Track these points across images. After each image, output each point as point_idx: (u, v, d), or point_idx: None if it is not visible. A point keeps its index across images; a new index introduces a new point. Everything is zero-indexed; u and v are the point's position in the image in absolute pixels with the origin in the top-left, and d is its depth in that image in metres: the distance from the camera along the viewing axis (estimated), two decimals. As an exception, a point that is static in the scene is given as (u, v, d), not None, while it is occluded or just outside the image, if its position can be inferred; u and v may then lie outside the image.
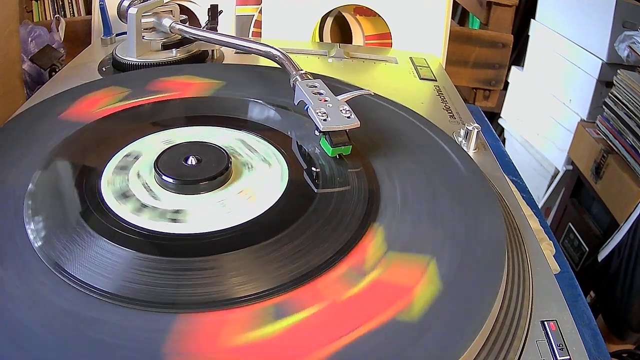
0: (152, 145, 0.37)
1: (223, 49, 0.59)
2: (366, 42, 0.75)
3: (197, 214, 0.31)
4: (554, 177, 1.21)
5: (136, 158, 0.35)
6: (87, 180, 0.33)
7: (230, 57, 0.59)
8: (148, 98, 0.42)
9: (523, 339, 0.26)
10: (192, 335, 0.23)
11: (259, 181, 0.34)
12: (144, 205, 0.31)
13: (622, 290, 0.77)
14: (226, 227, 0.29)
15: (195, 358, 0.22)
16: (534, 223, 0.46)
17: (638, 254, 0.75)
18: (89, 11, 0.96)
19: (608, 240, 0.83)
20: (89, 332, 0.23)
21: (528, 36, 1.29)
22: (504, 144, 1.32)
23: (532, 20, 1.27)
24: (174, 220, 0.30)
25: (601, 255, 0.83)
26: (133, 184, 0.33)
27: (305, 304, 0.25)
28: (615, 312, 0.79)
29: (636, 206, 0.79)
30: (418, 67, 0.61)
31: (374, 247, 0.29)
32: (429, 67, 0.61)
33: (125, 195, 0.32)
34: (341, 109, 0.36)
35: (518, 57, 1.39)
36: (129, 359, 0.22)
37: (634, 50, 0.87)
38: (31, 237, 0.28)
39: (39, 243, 0.28)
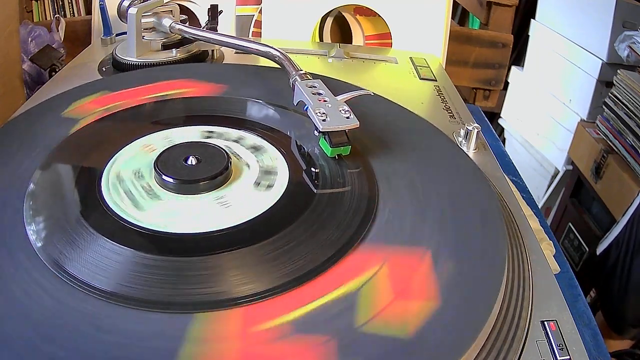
0: (126, 163, 0.36)
1: (223, 49, 0.59)
2: (366, 42, 0.75)
3: (196, 214, 0.31)
4: (554, 177, 1.21)
5: (126, 181, 0.35)
6: (87, 180, 0.33)
7: (230, 57, 0.59)
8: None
9: (523, 339, 0.26)
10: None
11: (257, 158, 0.34)
12: (144, 205, 0.31)
13: (619, 285, 0.77)
14: (226, 227, 0.29)
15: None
16: (534, 223, 0.46)
17: (635, 249, 0.75)
18: (89, 11, 0.96)
19: (606, 234, 0.83)
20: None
21: (528, 36, 1.30)
22: (504, 144, 1.32)
23: (532, 20, 1.27)
24: (174, 220, 0.30)
25: (599, 249, 0.83)
26: (133, 184, 0.33)
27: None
28: (613, 307, 0.79)
29: (634, 200, 0.79)
30: (418, 67, 0.61)
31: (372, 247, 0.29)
32: (429, 67, 0.61)
33: (125, 195, 0.32)
34: (340, 109, 0.36)
35: (518, 57, 1.39)
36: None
37: (634, 50, 0.87)
38: (32, 237, 0.28)
39: (40, 243, 0.28)
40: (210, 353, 0.22)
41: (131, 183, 0.33)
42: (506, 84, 1.34)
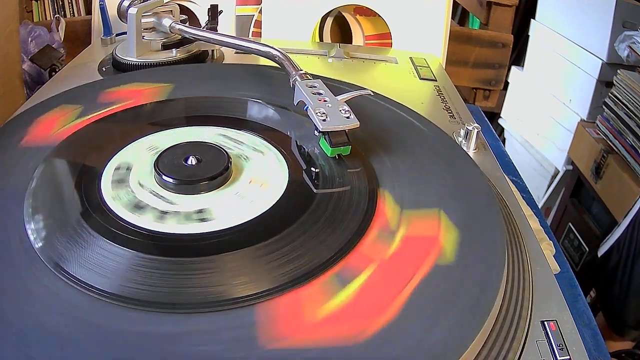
0: (151, 145, 0.37)
1: (223, 49, 0.59)
2: (366, 42, 0.75)
3: (196, 213, 0.31)
4: (554, 177, 1.21)
5: (135, 159, 0.35)
6: (87, 181, 0.33)
7: (230, 57, 0.59)
8: (100, 112, 0.41)
9: (523, 339, 0.26)
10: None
11: (259, 181, 0.34)
12: (144, 205, 0.31)
13: (620, 287, 0.77)
14: (226, 227, 0.29)
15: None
16: (534, 223, 0.46)
17: (636, 252, 0.75)
18: (89, 11, 0.96)
19: (608, 236, 0.83)
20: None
21: (528, 36, 1.30)
22: (504, 144, 1.32)
23: (532, 20, 1.27)
24: (172, 220, 0.30)
25: (601, 251, 0.83)
26: (133, 184, 0.33)
27: (360, 268, 0.27)
28: (614, 309, 0.79)
29: (635, 202, 0.79)
30: (418, 67, 0.61)
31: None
32: (429, 67, 0.61)
33: (125, 194, 0.32)
34: (340, 109, 0.36)
35: (518, 57, 1.39)
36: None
37: (634, 50, 0.87)
38: (31, 237, 0.28)
39: (39, 244, 0.28)
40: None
41: (131, 183, 0.33)
42: (506, 84, 1.34)
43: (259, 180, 0.34)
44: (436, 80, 0.58)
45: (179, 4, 0.57)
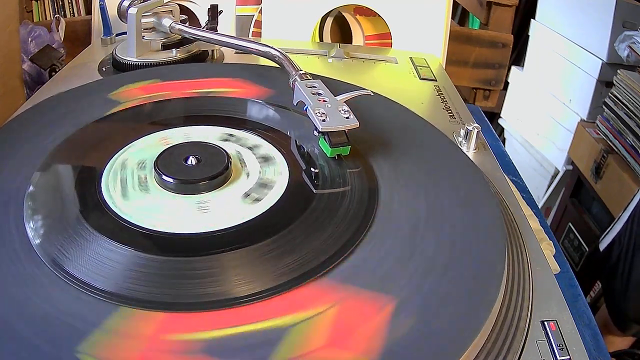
0: (151, 145, 0.37)
1: (223, 49, 0.59)
2: (366, 42, 0.75)
3: (219, 209, 0.31)
4: (554, 177, 1.21)
5: (127, 169, 0.35)
6: (87, 180, 0.33)
7: (230, 57, 0.59)
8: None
9: (523, 339, 0.26)
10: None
11: (258, 181, 0.34)
12: (130, 195, 0.31)
13: (621, 281, 0.77)
14: (225, 228, 0.29)
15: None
16: (534, 223, 0.46)
17: (635, 246, 0.75)
18: (89, 11, 0.96)
19: (608, 229, 0.83)
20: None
21: (528, 36, 1.30)
22: (504, 144, 1.32)
23: (532, 20, 1.27)
24: (173, 220, 0.30)
25: (602, 245, 0.83)
26: (132, 184, 0.33)
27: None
28: (616, 304, 0.79)
29: (634, 196, 0.79)
30: (418, 67, 0.61)
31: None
32: (429, 67, 0.61)
33: (124, 194, 0.32)
34: (340, 109, 0.36)
35: (518, 57, 1.39)
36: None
37: (634, 50, 0.87)
38: (30, 234, 0.28)
39: (38, 240, 0.28)
40: (113, 345, 0.22)
41: (131, 171, 0.34)
42: (506, 84, 1.34)
43: (259, 180, 0.34)
44: (436, 80, 0.58)
45: (179, 4, 0.57)
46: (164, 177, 0.32)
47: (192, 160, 0.33)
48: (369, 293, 0.26)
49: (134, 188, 0.32)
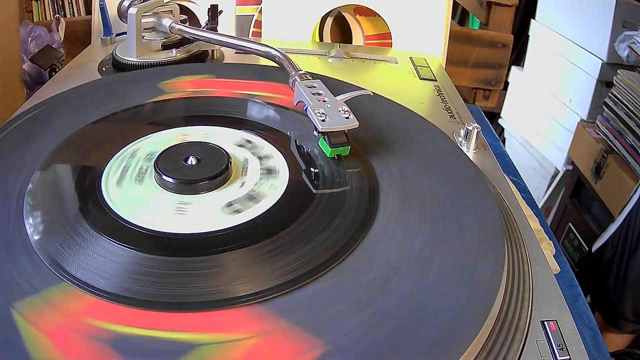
0: (168, 139, 0.37)
1: (223, 49, 0.59)
2: (366, 42, 0.75)
3: (196, 213, 0.31)
4: (554, 177, 1.21)
5: (135, 158, 0.35)
6: (88, 179, 0.33)
7: (230, 57, 0.59)
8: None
9: (523, 339, 0.26)
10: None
11: (249, 193, 0.33)
12: (132, 195, 0.31)
13: (615, 281, 0.77)
14: (225, 227, 0.29)
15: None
16: (534, 223, 0.46)
17: (632, 246, 0.76)
18: (89, 11, 0.96)
19: (602, 233, 0.83)
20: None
21: (528, 36, 1.30)
22: (504, 144, 1.32)
23: (532, 20, 1.27)
24: (148, 215, 0.30)
25: (595, 247, 0.83)
26: (132, 173, 0.33)
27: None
28: (609, 303, 0.79)
29: (630, 198, 0.79)
30: (418, 67, 0.61)
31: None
32: (429, 67, 0.61)
33: (125, 194, 0.32)
34: (340, 109, 0.36)
35: (518, 57, 1.39)
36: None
37: (634, 50, 0.87)
38: (29, 231, 0.28)
39: (37, 237, 0.28)
40: (41, 312, 0.24)
41: (137, 160, 0.34)
42: (506, 84, 1.34)
43: (250, 191, 0.33)
44: (436, 80, 0.58)
45: (179, 4, 0.57)
46: (156, 171, 0.33)
47: (192, 160, 0.33)
48: (300, 332, 0.23)
49: (131, 177, 0.33)
